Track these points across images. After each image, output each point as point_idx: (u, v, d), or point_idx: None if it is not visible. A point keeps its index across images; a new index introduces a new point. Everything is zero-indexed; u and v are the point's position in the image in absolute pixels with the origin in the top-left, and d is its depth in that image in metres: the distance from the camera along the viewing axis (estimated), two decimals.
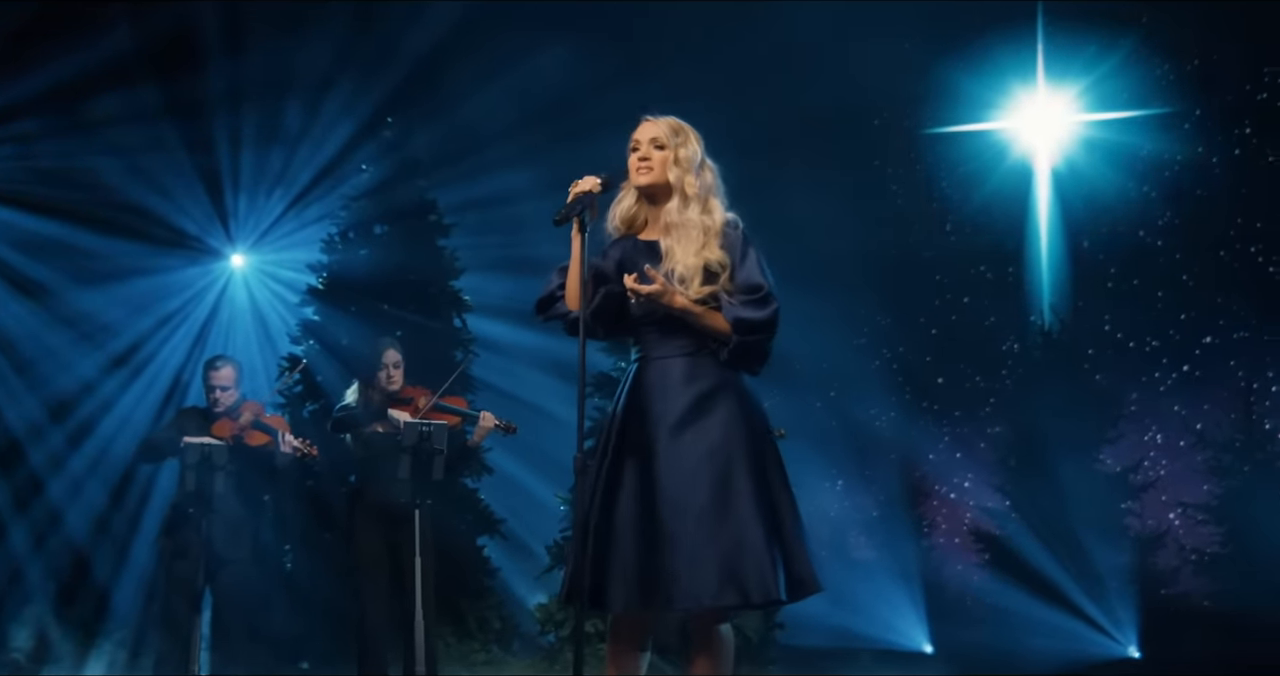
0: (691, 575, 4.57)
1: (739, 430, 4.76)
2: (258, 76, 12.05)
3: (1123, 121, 14.16)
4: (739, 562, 4.57)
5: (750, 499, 4.67)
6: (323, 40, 11.79)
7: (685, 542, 4.60)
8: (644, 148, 4.94)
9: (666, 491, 4.69)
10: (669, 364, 4.85)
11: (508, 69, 12.57)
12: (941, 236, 15.28)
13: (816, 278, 14.97)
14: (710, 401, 4.77)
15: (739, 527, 4.61)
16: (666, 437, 4.75)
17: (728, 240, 4.90)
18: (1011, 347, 14.81)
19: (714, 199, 5.00)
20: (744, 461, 4.72)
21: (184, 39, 11.67)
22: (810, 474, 14.54)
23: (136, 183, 11.96)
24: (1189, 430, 13.72)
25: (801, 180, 15.36)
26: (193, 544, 8.44)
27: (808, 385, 14.99)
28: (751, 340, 4.79)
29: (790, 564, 4.72)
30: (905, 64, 15.16)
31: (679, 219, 4.89)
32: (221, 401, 8.77)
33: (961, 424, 14.96)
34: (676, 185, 4.92)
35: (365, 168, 11.65)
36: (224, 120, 12.18)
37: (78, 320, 11.85)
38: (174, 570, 8.61)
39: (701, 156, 5.01)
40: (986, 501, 13.99)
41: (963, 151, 15.03)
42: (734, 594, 4.57)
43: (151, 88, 11.56)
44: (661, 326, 4.87)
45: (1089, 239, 14.47)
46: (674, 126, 4.99)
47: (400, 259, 11.25)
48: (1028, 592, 12.64)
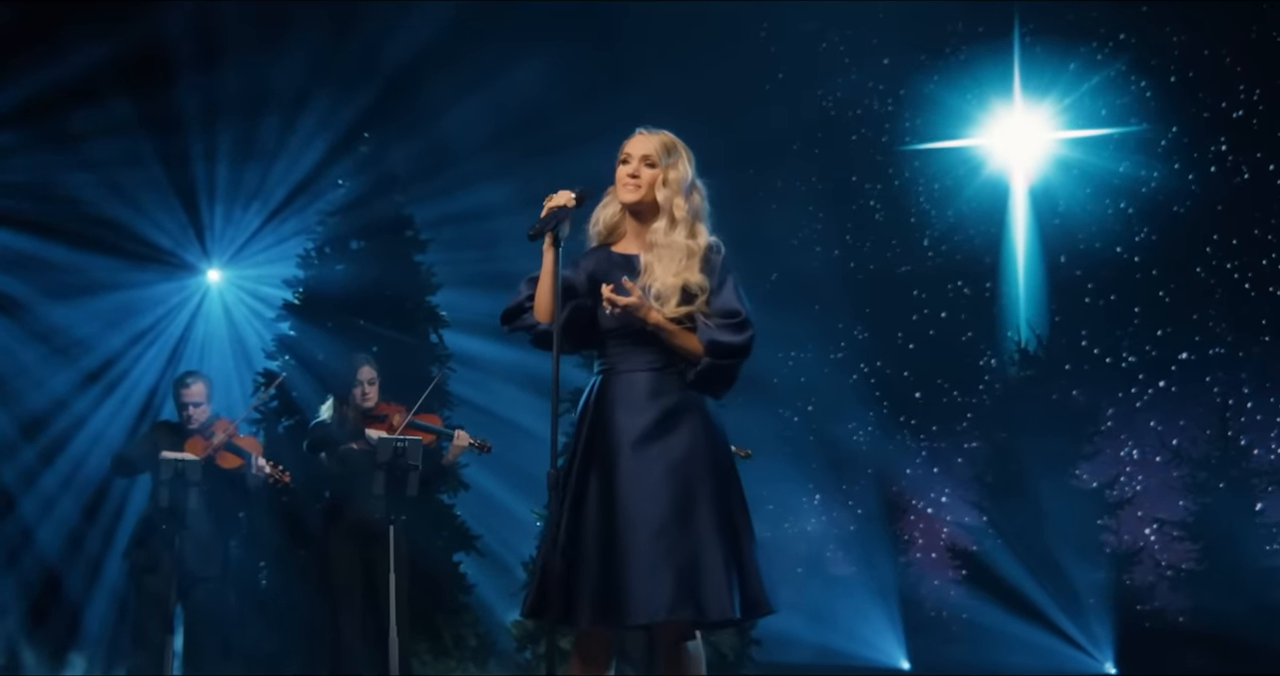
0: (648, 590, 4.49)
1: (701, 448, 4.66)
2: (233, 90, 11.88)
3: (1100, 138, 14.18)
4: (696, 579, 4.50)
5: (710, 517, 4.59)
6: (298, 54, 11.64)
7: (643, 557, 4.52)
8: (634, 163, 4.80)
9: (627, 506, 4.60)
10: (634, 378, 4.75)
11: (485, 83, 12.46)
12: (919, 251, 15.21)
13: (794, 291, 14.96)
14: (675, 418, 4.68)
15: (698, 544, 4.54)
16: (630, 452, 4.65)
17: (709, 264, 4.77)
18: (989, 363, 14.76)
19: (700, 223, 4.86)
20: (705, 479, 4.63)
21: (158, 52, 11.50)
22: (787, 489, 14.53)
23: (110, 197, 11.75)
24: (1165, 446, 13.72)
25: (779, 194, 15.36)
26: (164, 560, 8.33)
27: (784, 400, 14.97)
28: (724, 364, 4.69)
29: (745, 584, 4.64)
30: (883, 80, 15.23)
31: (664, 240, 4.77)
32: (194, 418, 8.64)
33: (939, 439, 14.90)
34: (665, 206, 4.79)
35: (342, 183, 11.50)
36: (199, 134, 12.01)
37: (50, 335, 11.69)
38: (145, 586, 8.49)
39: (692, 178, 4.87)
40: (964, 517, 13.94)
41: (940, 166, 15.00)
42: (690, 609, 4.49)
43: (125, 101, 11.40)
44: (631, 340, 4.76)
45: (1066, 254, 14.43)
46: (667, 144, 4.85)
47: (376, 274, 11.11)
48: (1005, 609, 12.56)
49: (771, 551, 14.57)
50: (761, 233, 15.38)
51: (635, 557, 4.53)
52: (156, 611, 8.36)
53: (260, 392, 10.66)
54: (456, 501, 11.10)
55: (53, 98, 11.09)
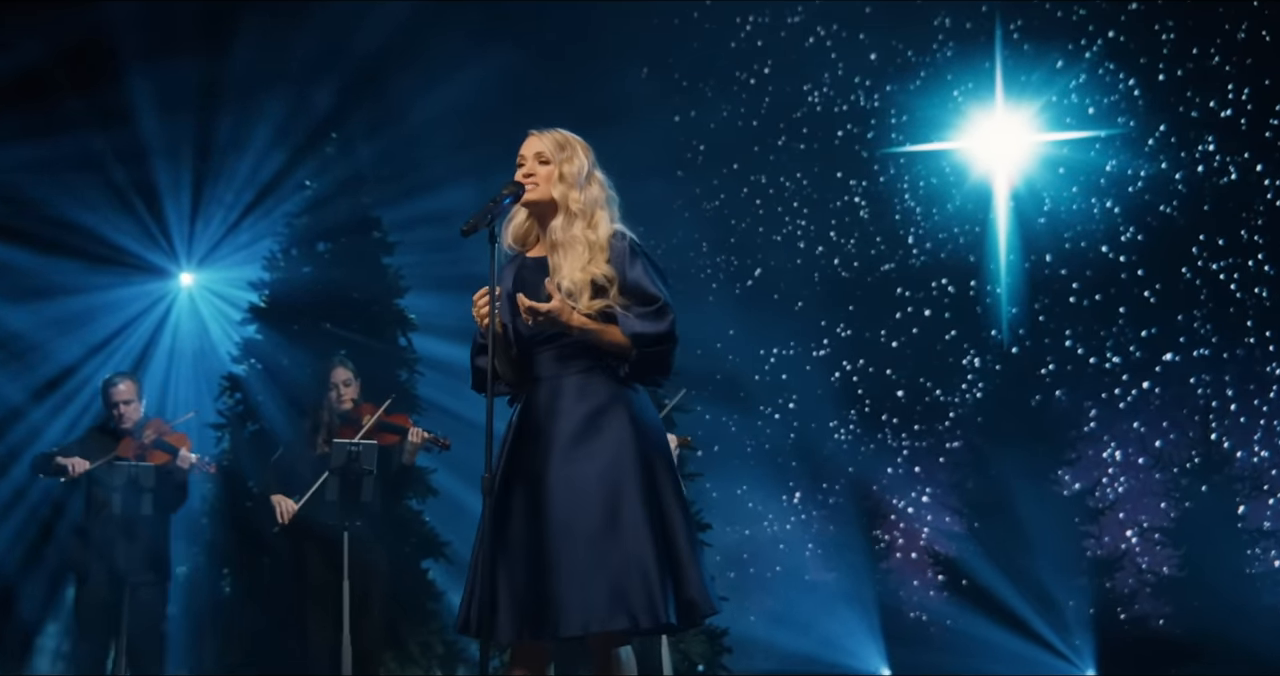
0: (579, 600, 4.33)
1: (630, 449, 4.50)
2: (188, 88, 11.47)
3: (1086, 138, 13.81)
4: (627, 586, 4.33)
5: (641, 521, 4.41)
6: (256, 50, 11.25)
7: (573, 567, 4.36)
8: (529, 163, 4.70)
9: (556, 514, 4.43)
10: (560, 383, 4.60)
11: (452, 82, 12.05)
12: (903, 249, 14.79)
13: (776, 288, 14.63)
14: (601, 420, 4.53)
15: (628, 550, 4.36)
16: (556, 459, 4.49)
17: (614, 253, 4.61)
18: (972, 362, 14.35)
19: (600, 212, 4.70)
20: (635, 481, 4.45)
21: (105, 46, 11.03)
22: (765, 490, 14.20)
23: (66, 198, 11.34)
24: (1147, 449, 13.46)
25: (762, 190, 15.03)
26: (96, 566, 8.17)
27: (765, 397, 14.60)
28: (652, 352, 4.55)
29: (681, 586, 4.45)
30: (870, 75, 14.84)
31: (563, 236, 4.65)
32: (126, 416, 8.39)
33: (921, 438, 14.53)
34: (561, 201, 4.67)
35: (308, 183, 11.12)
36: (157, 134, 11.60)
37: (6, 341, 11.24)
38: (83, 592, 8.30)
39: (589, 170, 4.73)
40: (944, 520, 13.61)
41: (927, 164, 14.63)
42: (622, 618, 4.32)
43: (76, 99, 10.95)
44: (551, 346, 4.62)
45: (1052, 253, 14.04)
46: (559, 140, 4.74)
47: (344, 277, 10.74)
48: (985, 615, 12.25)
49: (747, 553, 14.24)
50: (745, 229, 15.08)
51: (565, 566, 4.37)
52: (95, 616, 8.17)
53: (223, 397, 10.42)
54: (425, 507, 10.71)
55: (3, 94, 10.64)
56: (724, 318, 14.35)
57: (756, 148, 15.12)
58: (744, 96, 15.12)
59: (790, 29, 15.03)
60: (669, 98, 14.96)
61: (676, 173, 15.02)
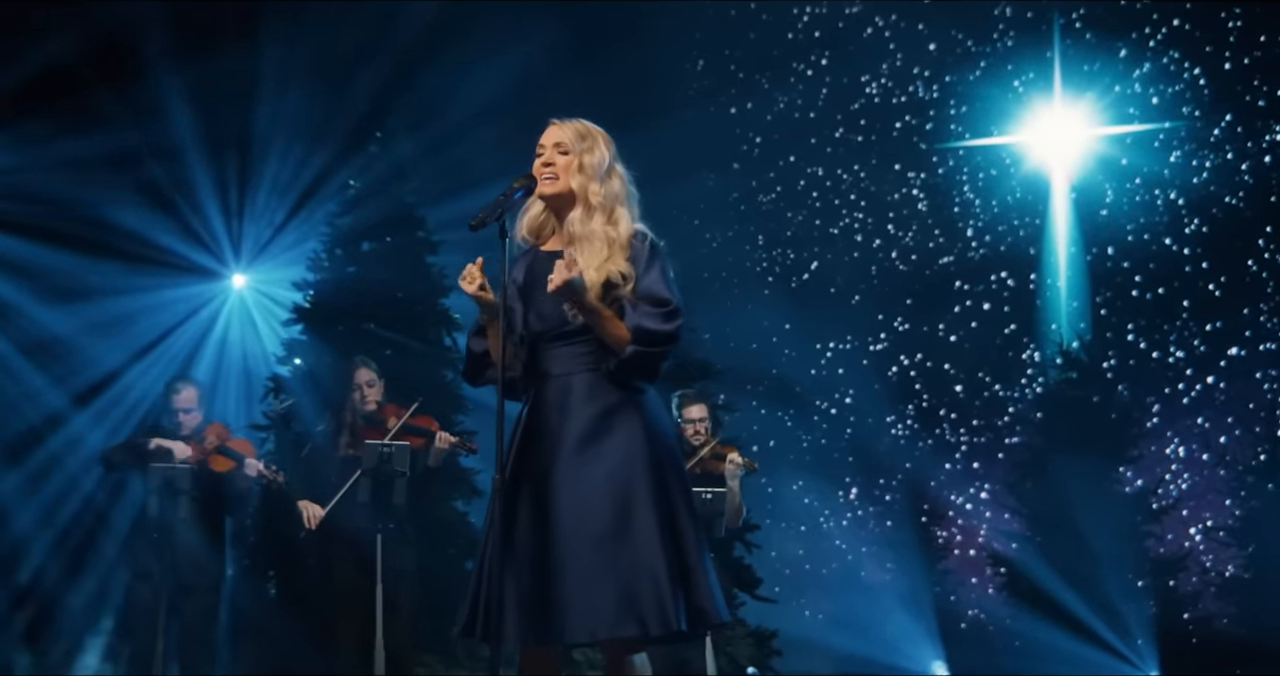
0: (586, 605, 4.14)
1: (641, 451, 4.30)
2: (226, 84, 11.26)
3: (1150, 129, 13.32)
4: (637, 591, 4.15)
5: (651, 524, 4.22)
6: (300, 44, 11.05)
7: (580, 571, 4.17)
8: (548, 152, 4.47)
9: (563, 516, 4.24)
10: (570, 381, 4.39)
11: (497, 77, 11.76)
12: (962, 242, 14.40)
13: (833, 282, 14.33)
14: (611, 421, 4.33)
15: (637, 554, 4.18)
16: (565, 459, 4.30)
17: (634, 252, 4.41)
18: (1031, 357, 13.95)
19: (620, 208, 4.49)
20: (645, 485, 4.26)
21: (137, 45, 10.83)
22: (819, 487, 13.95)
23: (103, 198, 11.18)
24: (1211, 446, 13.00)
25: (819, 183, 14.73)
26: (153, 569, 7.99)
27: (819, 393, 14.29)
28: (649, 352, 4.33)
29: (691, 593, 4.27)
30: (929, 66, 14.48)
31: (582, 230, 4.43)
32: (185, 424, 8.24)
33: (979, 433, 14.14)
34: (580, 193, 4.45)
35: (352, 183, 10.91)
36: (197, 131, 11.40)
37: (47, 345, 11.08)
38: (134, 595, 8.20)
39: (610, 163, 4.51)
40: (1001, 520, 13.21)
41: (986, 156, 14.21)
42: (631, 625, 4.14)
43: (109, 97, 10.77)
44: (562, 342, 4.42)
45: (1114, 246, 13.61)
46: (580, 130, 4.50)
47: (388, 276, 10.54)
48: (1044, 617, 11.81)
49: (803, 550, 13.94)
50: (801, 222, 14.79)
51: (572, 570, 4.18)
52: (145, 620, 8.01)
53: (269, 398, 10.25)
54: (470, 508, 10.49)
55: (35, 93, 10.46)
56: (779, 312, 14.07)
57: (813, 140, 14.77)
58: (801, 88, 14.79)
59: (848, 19, 14.71)
60: (725, 90, 14.68)
61: (732, 165, 14.76)
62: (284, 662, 9.10)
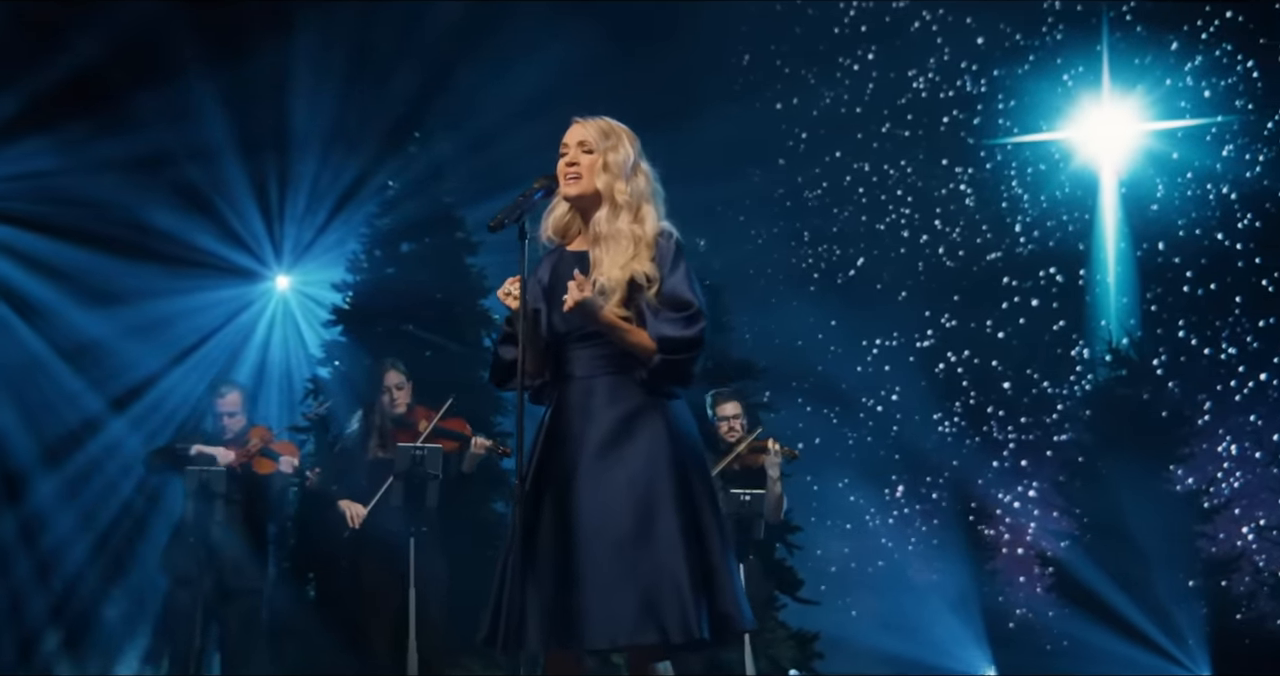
0: (607, 611, 4.07)
1: (664, 454, 4.23)
2: (261, 84, 11.17)
3: (1203, 125, 13.05)
4: (658, 598, 4.06)
5: (673, 529, 4.14)
6: (334, 44, 10.96)
7: (601, 576, 4.09)
8: (572, 152, 4.42)
9: (585, 520, 4.16)
10: (592, 384, 4.32)
11: (536, 74, 11.60)
12: (1010, 237, 14.14)
13: (879, 278, 14.14)
14: (634, 424, 4.25)
15: (660, 560, 4.10)
16: (587, 463, 4.22)
17: (659, 252, 4.35)
18: (1080, 353, 13.68)
19: (646, 206, 4.42)
20: (668, 488, 4.19)
21: (169, 46, 10.74)
22: (865, 485, 13.76)
23: (140, 200, 11.13)
24: (1264, 444, 12.73)
25: (866, 179, 14.54)
26: (193, 573, 7.94)
27: (865, 389, 14.10)
28: (676, 359, 4.27)
29: (714, 599, 4.17)
30: (976, 60, 14.24)
31: (607, 229, 4.37)
32: (229, 428, 8.23)
33: (1027, 431, 13.89)
34: (605, 192, 4.38)
35: (390, 184, 10.83)
36: (233, 132, 11.30)
37: (87, 348, 11.03)
38: (174, 600, 8.11)
39: (635, 160, 4.43)
40: (1050, 519, 12.95)
41: (1033, 151, 13.96)
42: (652, 632, 4.05)
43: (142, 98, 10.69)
44: (586, 344, 4.35)
45: (1164, 241, 13.32)
46: (604, 128, 4.44)
47: (427, 277, 10.45)
48: (1093, 617, 11.57)
49: (849, 548, 13.76)
50: (847, 218, 14.60)
51: (593, 576, 4.11)
52: (184, 625, 7.97)
53: (308, 400, 10.20)
54: (510, 510, 10.35)
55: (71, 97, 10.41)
56: (825, 309, 13.91)
57: (860, 135, 14.56)
58: (847, 83, 14.58)
59: (895, 14, 14.51)
60: (771, 85, 14.50)
61: (778, 161, 14.59)
62: (319, 664, 9.06)
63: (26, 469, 10.57)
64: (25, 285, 10.88)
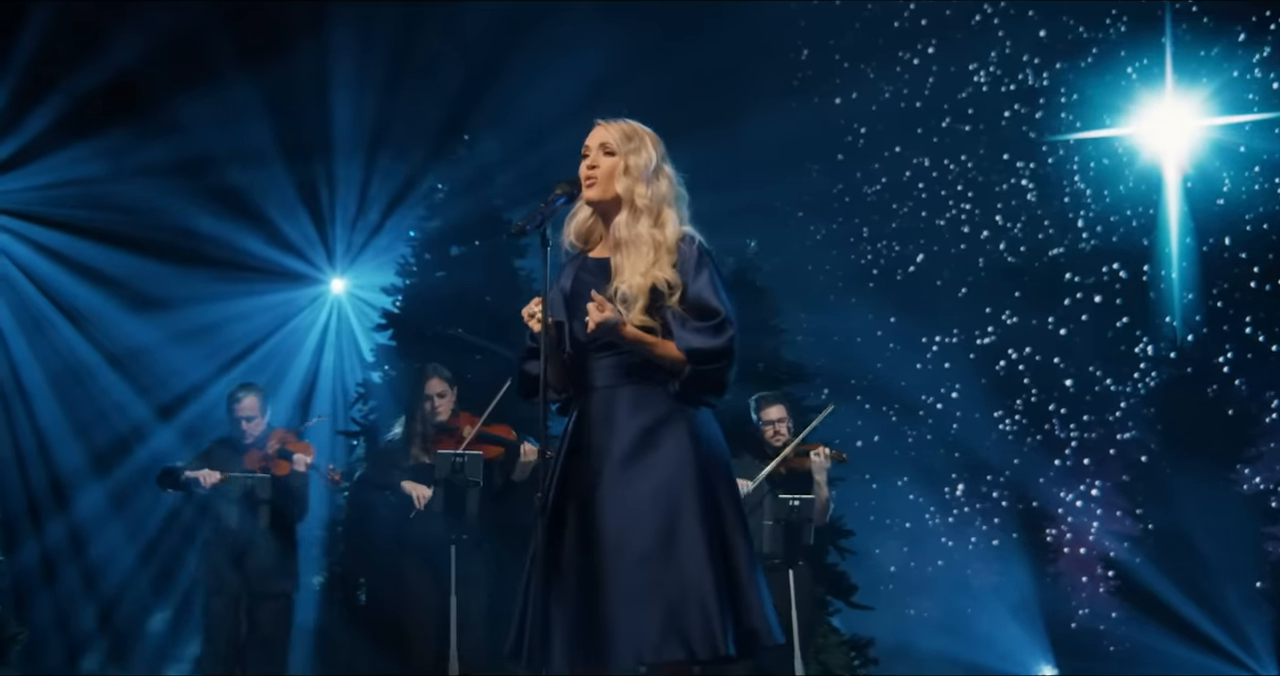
0: (631, 628, 3.98)
1: (688, 466, 4.13)
2: (307, 86, 11.10)
3: (1272, 118, 12.67)
4: (684, 613, 3.98)
5: (699, 542, 4.05)
6: (377, 45, 10.88)
7: (626, 591, 4.01)
8: (593, 154, 4.33)
9: (608, 534, 4.07)
10: (614, 394, 4.23)
11: (587, 73, 11.42)
12: (1072, 233, 13.83)
13: (940, 275, 13.93)
14: (657, 435, 4.16)
15: (685, 575, 4.01)
16: (610, 475, 4.13)
17: (682, 257, 4.26)
18: (1144, 350, 13.34)
19: (668, 210, 4.33)
20: (693, 500, 4.09)
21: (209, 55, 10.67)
22: (924, 483, 13.51)
23: (187, 205, 11.09)
24: None
25: (926, 174, 14.29)
26: (227, 580, 7.98)
27: (925, 386, 13.84)
28: (706, 370, 4.18)
29: (741, 614, 4.07)
30: (1038, 53, 13.93)
31: (628, 234, 4.27)
32: (249, 432, 8.16)
33: (1090, 429, 13.56)
34: (625, 196, 4.29)
35: (440, 187, 10.72)
36: (280, 136, 11.25)
37: (137, 354, 11.02)
38: (211, 607, 8.11)
39: (657, 163, 4.34)
40: (1113, 518, 12.65)
41: (1096, 146, 13.61)
42: (677, 648, 3.96)
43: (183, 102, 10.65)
44: (607, 353, 4.25)
45: (1230, 237, 12.96)
46: (626, 131, 4.35)
47: (476, 281, 10.35)
48: (1157, 620, 11.34)
49: (908, 547, 13.54)
50: (906, 214, 14.35)
51: (617, 591, 4.02)
52: (221, 632, 7.99)
53: (358, 404, 10.13)
54: None
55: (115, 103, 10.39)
56: (885, 305, 13.67)
57: (919, 130, 14.24)
58: (907, 77, 14.25)
59: (956, 7, 14.19)
60: (829, 80, 14.25)
61: (837, 156, 14.32)
62: (361, 669, 9.04)
63: (74, 477, 10.59)
64: (73, 291, 10.88)
